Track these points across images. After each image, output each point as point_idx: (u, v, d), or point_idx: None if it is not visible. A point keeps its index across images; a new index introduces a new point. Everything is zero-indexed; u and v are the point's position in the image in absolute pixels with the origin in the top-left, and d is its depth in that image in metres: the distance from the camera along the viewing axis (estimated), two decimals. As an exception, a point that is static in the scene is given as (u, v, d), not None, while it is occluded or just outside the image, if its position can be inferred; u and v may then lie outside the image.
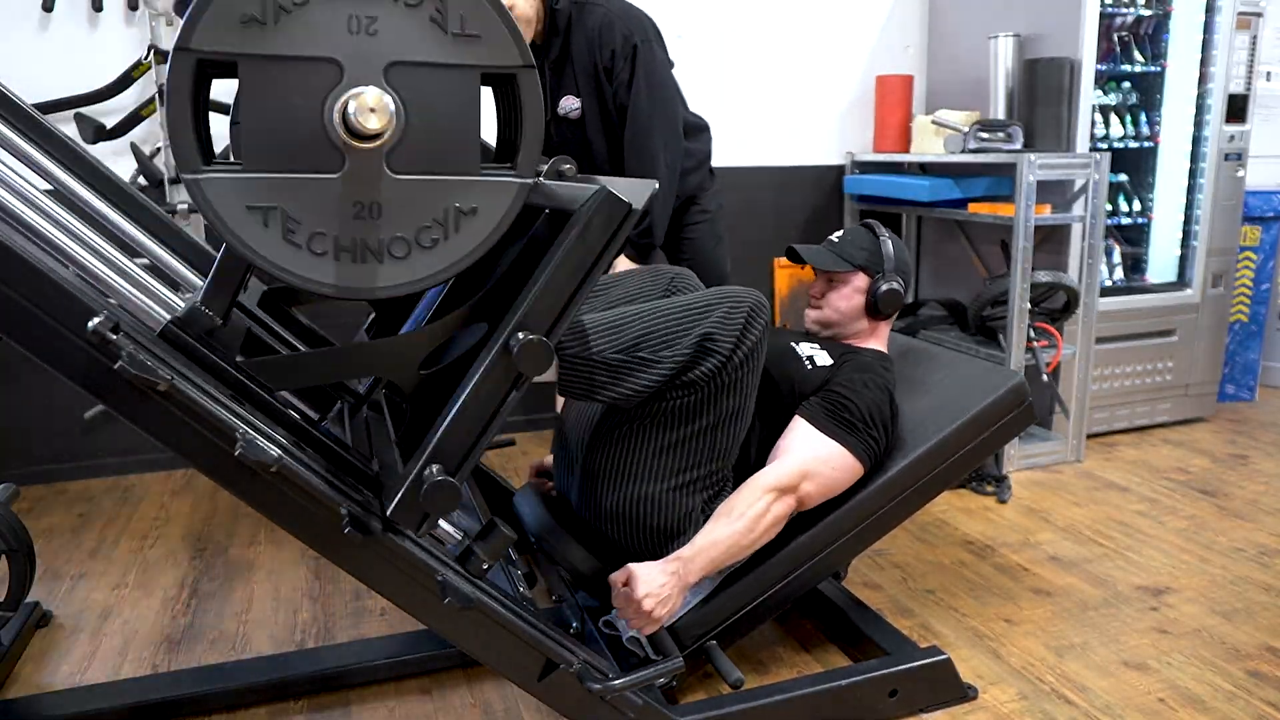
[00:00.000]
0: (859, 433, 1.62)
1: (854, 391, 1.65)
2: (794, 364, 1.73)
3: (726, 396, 1.50)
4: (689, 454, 1.53)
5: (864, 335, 1.89)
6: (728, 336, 1.45)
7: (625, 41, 2.18)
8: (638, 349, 1.42)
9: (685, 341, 1.44)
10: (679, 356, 1.43)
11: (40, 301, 1.03)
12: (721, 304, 1.47)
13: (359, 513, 1.18)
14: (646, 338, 1.43)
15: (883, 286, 1.83)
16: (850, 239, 1.88)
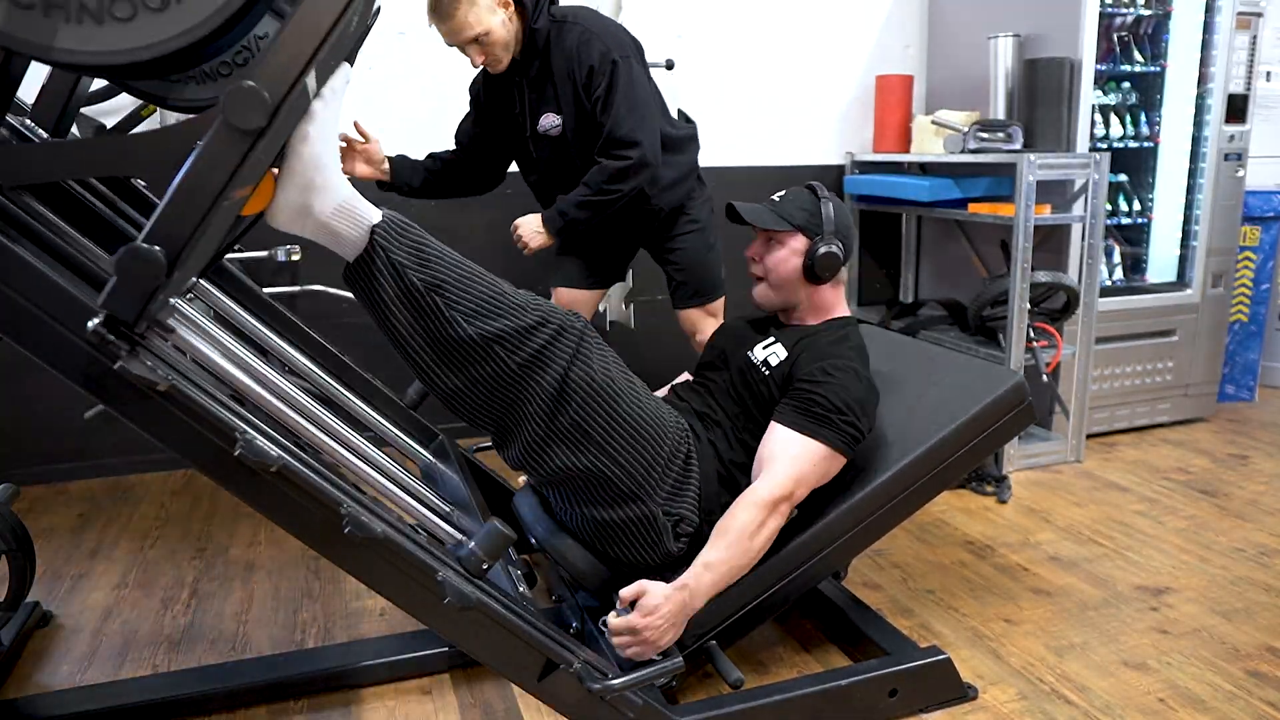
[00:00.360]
0: (833, 424, 1.60)
1: (818, 384, 1.62)
2: (754, 377, 1.72)
3: (582, 442, 1.50)
4: (601, 486, 1.54)
5: (811, 308, 1.80)
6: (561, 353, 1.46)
7: (603, 58, 2.18)
8: (438, 291, 1.37)
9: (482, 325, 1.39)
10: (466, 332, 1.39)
11: (40, 301, 1.03)
12: (532, 312, 1.45)
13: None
14: (454, 288, 1.39)
15: (820, 249, 1.73)
16: (791, 199, 1.80)
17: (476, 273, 1.42)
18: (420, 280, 1.35)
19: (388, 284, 1.35)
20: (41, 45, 0.94)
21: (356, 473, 1.40)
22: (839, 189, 3.58)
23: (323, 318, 2.94)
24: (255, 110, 0.98)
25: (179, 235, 1.00)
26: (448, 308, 1.37)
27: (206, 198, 1.00)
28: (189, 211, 1.00)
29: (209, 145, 0.99)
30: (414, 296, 1.36)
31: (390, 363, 1.51)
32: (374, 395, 1.90)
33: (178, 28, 0.96)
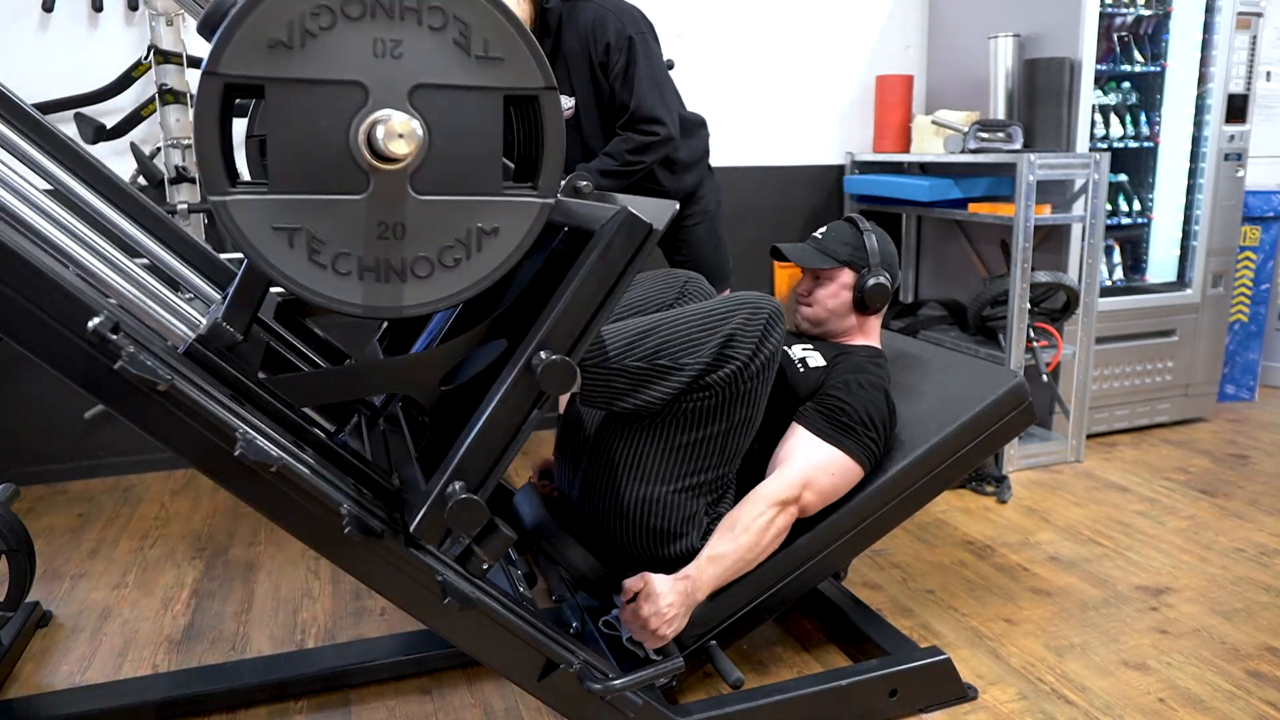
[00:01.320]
0: (857, 436, 1.63)
1: (849, 394, 1.65)
2: (789, 368, 1.73)
3: (740, 404, 1.50)
4: (697, 458, 1.53)
5: (854, 332, 1.88)
6: (747, 343, 1.46)
7: (619, 35, 2.18)
8: (657, 357, 1.43)
9: (706, 348, 1.44)
10: (699, 363, 1.44)
11: (40, 301, 1.03)
12: (740, 310, 1.47)
13: (378, 526, 1.19)
14: (667, 345, 1.43)
15: (869, 281, 1.81)
16: (834, 234, 1.86)
17: (664, 316, 1.48)
18: (639, 361, 1.42)
19: (618, 383, 1.42)
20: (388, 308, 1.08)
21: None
22: (839, 189, 3.58)
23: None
24: (567, 382, 1.14)
25: (477, 473, 1.16)
26: (674, 360, 1.43)
27: (504, 440, 1.16)
28: (488, 452, 1.16)
29: (511, 397, 1.15)
30: (643, 374, 1.42)
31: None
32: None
33: (466, 282, 1.11)
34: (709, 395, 1.47)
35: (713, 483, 1.57)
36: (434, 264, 1.07)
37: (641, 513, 1.56)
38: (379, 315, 1.07)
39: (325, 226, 1.02)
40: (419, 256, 1.06)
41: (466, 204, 1.07)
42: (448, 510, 1.12)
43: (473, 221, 1.08)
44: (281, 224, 1.01)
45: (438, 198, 1.06)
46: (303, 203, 1.01)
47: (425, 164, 1.04)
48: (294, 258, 1.02)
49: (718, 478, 1.57)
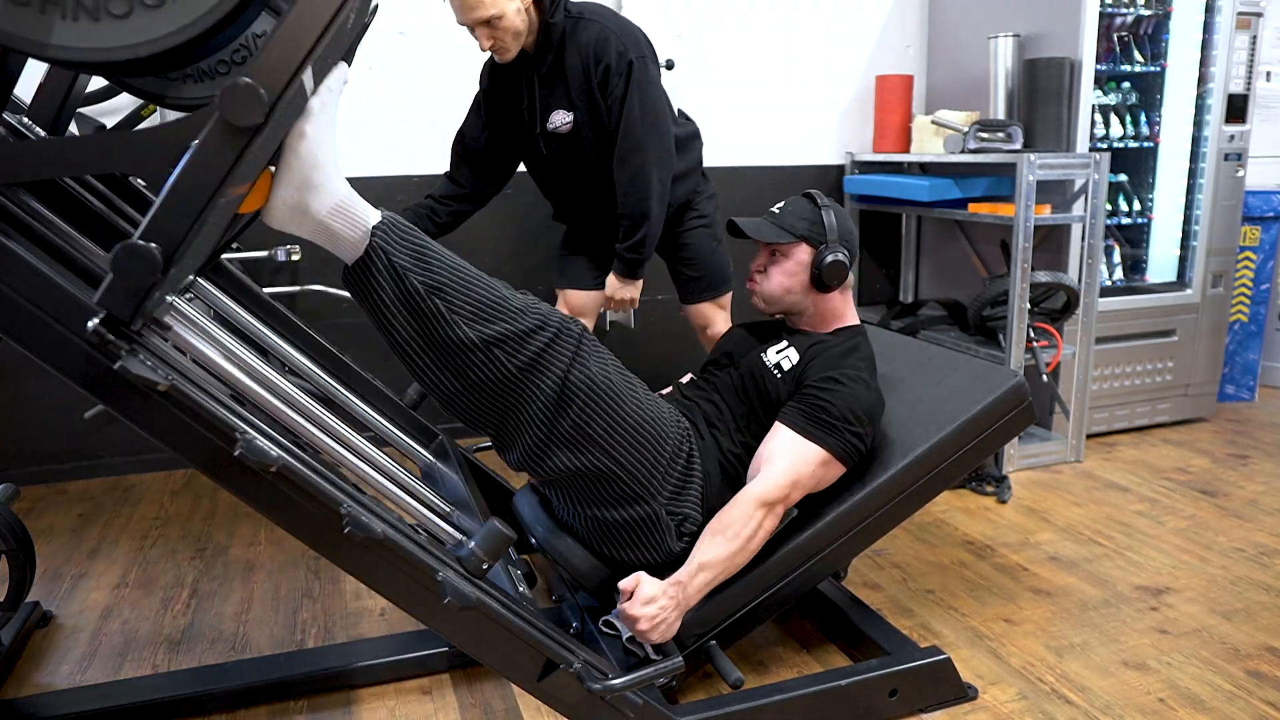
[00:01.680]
0: (838, 432, 1.61)
1: (827, 390, 1.63)
2: (767, 377, 1.72)
3: (586, 445, 1.49)
4: (606, 488, 1.54)
5: (820, 315, 1.81)
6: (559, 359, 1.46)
7: (620, 57, 2.17)
8: (438, 294, 1.36)
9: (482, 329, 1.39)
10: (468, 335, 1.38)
11: (40, 301, 1.03)
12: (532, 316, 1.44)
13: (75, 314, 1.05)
14: (455, 291, 1.37)
15: (827, 257, 1.74)
16: (791, 209, 1.81)
17: (476, 275, 1.42)
18: (421, 283, 1.35)
19: (387, 286, 1.34)
20: (38, 42, 0.94)
21: (356, 472, 1.40)
22: (839, 189, 3.58)
23: (323, 317, 2.94)
24: (252, 107, 0.97)
25: (175, 232, 1.00)
26: (449, 311, 1.36)
27: (203, 195, 1.00)
28: (185, 209, 1.00)
29: (205, 142, 0.98)
30: (414, 299, 1.35)
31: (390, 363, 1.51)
32: (373, 395, 1.90)
33: (174, 24, 0.96)
34: (543, 453, 1.49)
35: (646, 488, 1.56)
36: (132, 1, 0.94)
37: (604, 532, 1.59)
38: (66, 56, 0.94)
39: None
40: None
41: None
42: (114, 258, 0.98)
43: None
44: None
45: None
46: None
47: None
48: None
49: (647, 482, 1.56)
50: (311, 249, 2.87)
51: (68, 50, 0.94)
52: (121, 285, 0.99)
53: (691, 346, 2.85)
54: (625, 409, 1.52)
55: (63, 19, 0.93)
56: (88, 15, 0.94)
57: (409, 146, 3.03)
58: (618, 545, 1.60)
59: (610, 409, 1.50)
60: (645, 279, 2.42)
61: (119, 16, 0.94)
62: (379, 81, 2.96)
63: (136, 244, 0.98)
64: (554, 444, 1.48)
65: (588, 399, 1.48)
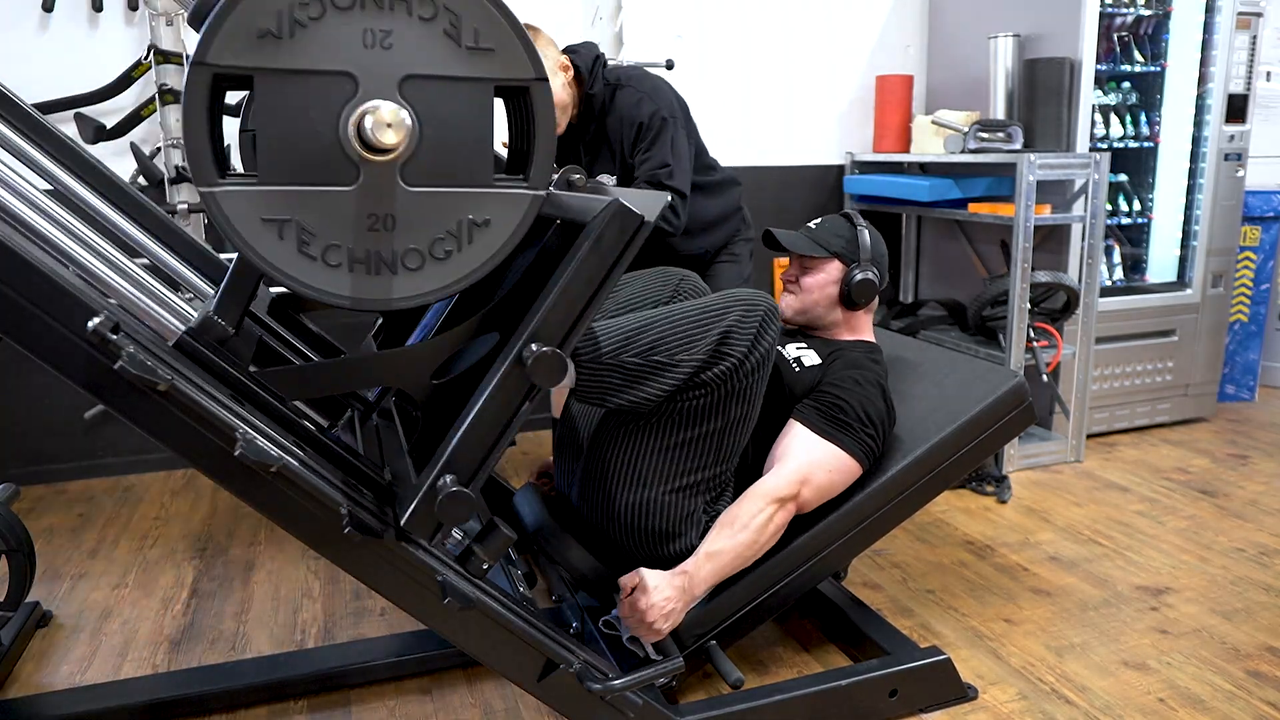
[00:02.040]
0: (855, 433, 1.62)
1: (846, 391, 1.65)
2: (783, 367, 1.73)
3: (736, 402, 1.50)
4: (694, 456, 1.53)
5: (843, 327, 1.87)
6: (742, 339, 1.46)
7: (653, 116, 2.23)
8: (653, 353, 1.42)
9: (702, 344, 1.44)
10: (695, 360, 1.44)
11: (40, 301, 1.03)
12: (735, 307, 1.47)
13: (373, 522, 1.18)
14: (663, 341, 1.43)
15: (857, 276, 1.79)
16: (828, 226, 1.86)
17: (659, 311, 1.47)
18: (635, 355, 1.41)
19: (613, 379, 1.41)
20: (378, 300, 1.08)
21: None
22: (839, 189, 3.58)
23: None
24: (556, 375, 1.14)
25: (468, 466, 1.16)
26: (669, 356, 1.42)
27: (495, 434, 1.16)
28: (479, 445, 1.15)
29: (502, 390, 1.14)
30: (638, 370, 1.41)
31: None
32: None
33: (457, 275, 1.10)
34: (704, 393, 1.47)
35: (709, 481, 1.57)
36: (424, 256, 1.07)
37: (639, 514, 1.57)
38: (369, 308, 1.07)
39: (315, 218, 1.02)
40: (409, 248, 1.06)
41: (457, 195, 1.07)
42: (438, 503, 1.12)
43: (463, 213, 1.08)
44: (271, 215, 1.00)
45: (428, 189, 1.05)
46: (292, 194, 1.00)
47: (415, 155, 1.03)
48: (284, 249, 1.02)
49: (714, 476, 1.57)
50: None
51: (386, 302, 1.09)
52: (431, 518, 1.15)
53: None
54: (761, 400, 1.56)
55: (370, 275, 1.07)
56: (388, 270, 1.08)
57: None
58: (640, 533, 1.57)
59: (761, 391, 1.54)
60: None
61: (413, 270, 1.09)
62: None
63: (462, 492, 1.12)
64: (715, 404, 1.50)
65: (761, 377, 1.51)
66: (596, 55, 2.29)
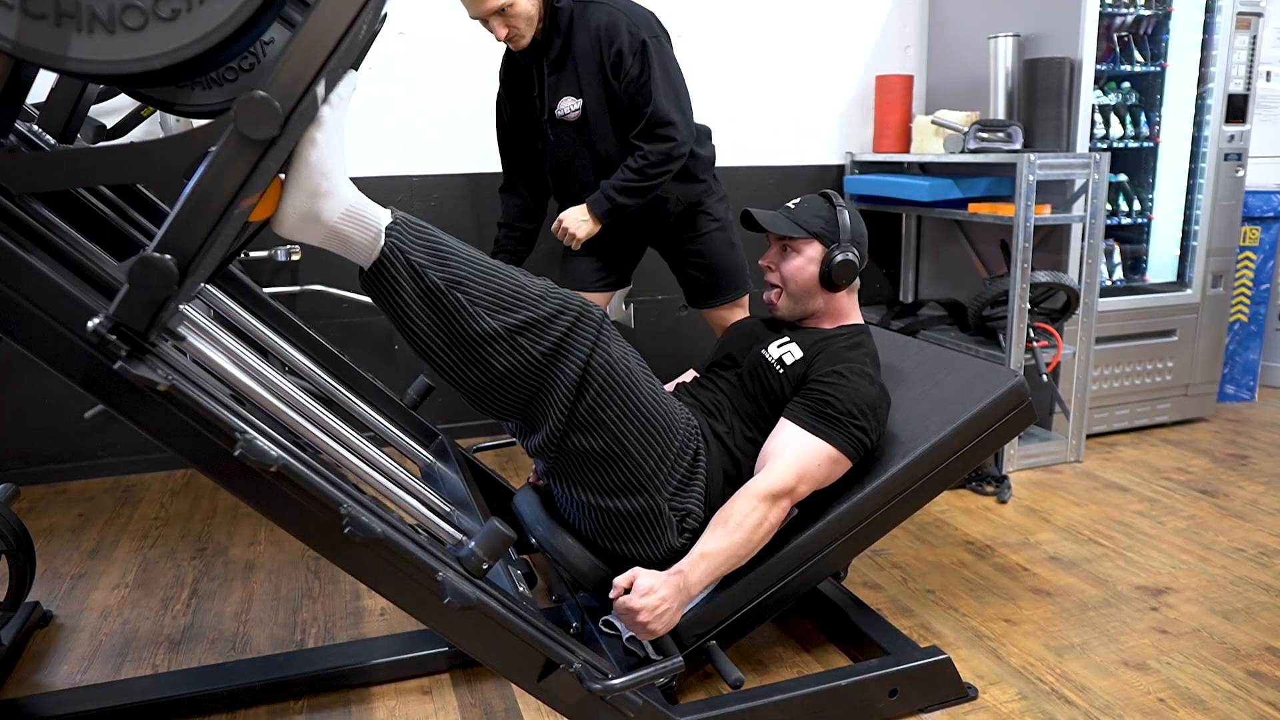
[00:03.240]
0: (844, 427, 1.62)
1: (832, 386, 1.64)
2: (768, 374, 1.72)
3: (596, 431, 1.49)
4: (612, 476, 1.54)
5: (825, 315, 1.83)
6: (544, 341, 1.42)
7: (633, 38, 2.17)
8: (458, 288, 1.36)
9: (504, 318, 1.38)
10: (490, 326, 1.37)
11: (40, 301, 1.03)
12: (550, 301, 1.43)
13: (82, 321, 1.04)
14: (474, 283, 1.37)
15: (837, 256, 1.75)
16: (807, 206, 1.82)
17: (494, 266, 1.42)
18: (440, 279, 1.35)
19: (407, 285, 1.34)
20: (54, 55, 0.94)
21: (356, 472, 1.40)
22: (839, 189, 3.58)
23: (323, 317, 2.94)
24: (267, 120, 0.99)
25: (190, 243, 1.02)
26: (470, 303, 1.36)
27: (217, 206, 1.02)
28: (200, 220, 1.01)
29: (220, 154, 1.00)
30: (435, 295, 1.35)
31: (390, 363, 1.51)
32: (373, 394, 1.90)
33: (188, 36, 0.96)
34: (555, 439, 1.48)
35: (651, 480, 1.56)
36: (147, 14, 0.94)
37: (606, 524, 1.59)
38: (56, 65, 0.94)
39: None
40: (129, 4, 0.94)
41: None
42: (131, 275, 1.00)
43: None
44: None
45: None
46: None
47: None
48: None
49: (652, 474, 1.55)
50: (311, 249, 2.87)
51: (84, 63, 0.95)
52: (137, 297, 1.01)
53: (691, 346, 2.85)
54: (641, 396, 1.53)
55: (79, 32, 0.94)
56: (103, 28, 0.94)
57: (410, 147, 3.04)
58: (619, 538, 1.59)
59: (626, 395, 1.51)
60: (646, 282, 2.43)
61: (134, 29, 0.95)
62: (380, 83, 2.96)
63: (153, 256, 0.99)
64: (571, 428, 1.48)
65: (605, 383, 1.48)
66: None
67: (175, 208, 1.01)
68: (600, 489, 1.56)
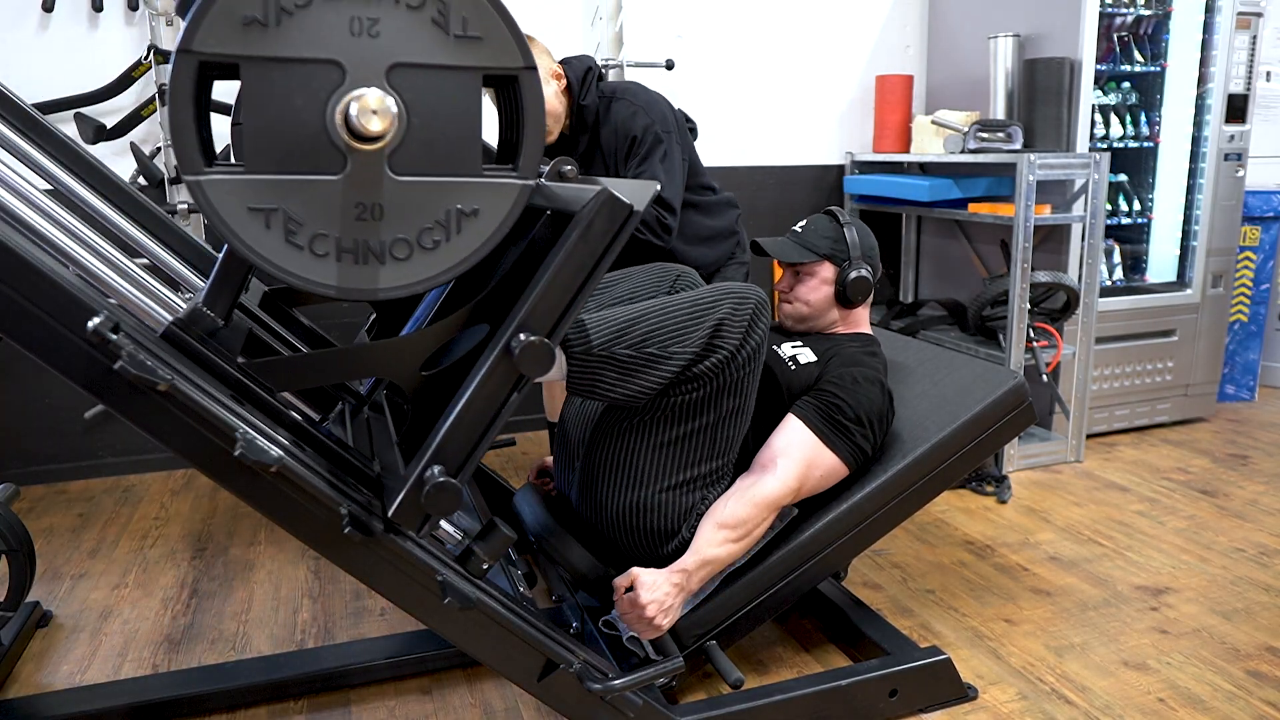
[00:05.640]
0: (850, 435, 1.63)
1: (845, 390, 1.65)
2: (778, 366, 1.73)
3: (729, 395, 1.50)
4: (688, 452, 1.54)
5: (839, 323, 1.87)
6: (735, 332, 1.46)
7: (647, 130, 2.20)
8: (646, 345, 1.42)
9: (694, 337, 1.44)
10: (689, 352, 1.43)
11: (40, 301, 1.03)
12: (727, 299, 1.47)
13: (360, 513, 1.18)
14: (655, 333, 1.43)
15: (851, 274, 1.79)
16: (813, 228, 1.85)
17: (659, 303, 1.46)
18: (628, 347, 1.40)
19: (607, 373, 1.41)
20: (364, 290, 1.07)
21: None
22: (839, 189, 3.58)
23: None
24: (544, 364, 1.13)
25: (457, 456, 1.16)
26: (662, 349, 1.42)
27: (483, 424, 1.16)
28: (467, 436, 1.15)
29: (488, 381, 1.14)
30: (632, 364, 1.41)
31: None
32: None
33: (446, 265, 1.09)
34: (696, 386, 1.47)
35: (705, 476, 1.57)
36: (412, 246, 1.07)
37: (637, 514, 1.57)
38: (355, 297, 1.07)
39: (302, 207, 1.01)
40: (397, 238, 1.06)
41: (445, 185, 1.06)
42: (424, 494, 1.12)
43: (452, 203, 1.07)
44: (257, 204, 1.00)
45: (416, 178, 1.05)
46: (279, 183, 1.00)
47: (403, 144, 1.03)
48: (270, 238, 1.01)
49: (710, 471, 1.57)
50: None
51: (376, 292, 1.07)
52: (422, 509, 1.15)
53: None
54: (755, 393, 1.56)
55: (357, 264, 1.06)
56: (375, 259, 1.07)
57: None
58: (637, 532, 1.58)
59: (755, 384, 1.54)
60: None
61: (401, 260, 1.08)
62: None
63: (449, 482, 1.13)
64: (708, 398, 1.50)
65: (753, 369, 1.51)
66: (589, 67, 2.27)
67: (444, 424, 1.15)
68: (667, 472, 1.55)
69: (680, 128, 2.31)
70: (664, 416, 1.51)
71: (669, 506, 1.56)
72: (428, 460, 1.13)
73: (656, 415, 1.51)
